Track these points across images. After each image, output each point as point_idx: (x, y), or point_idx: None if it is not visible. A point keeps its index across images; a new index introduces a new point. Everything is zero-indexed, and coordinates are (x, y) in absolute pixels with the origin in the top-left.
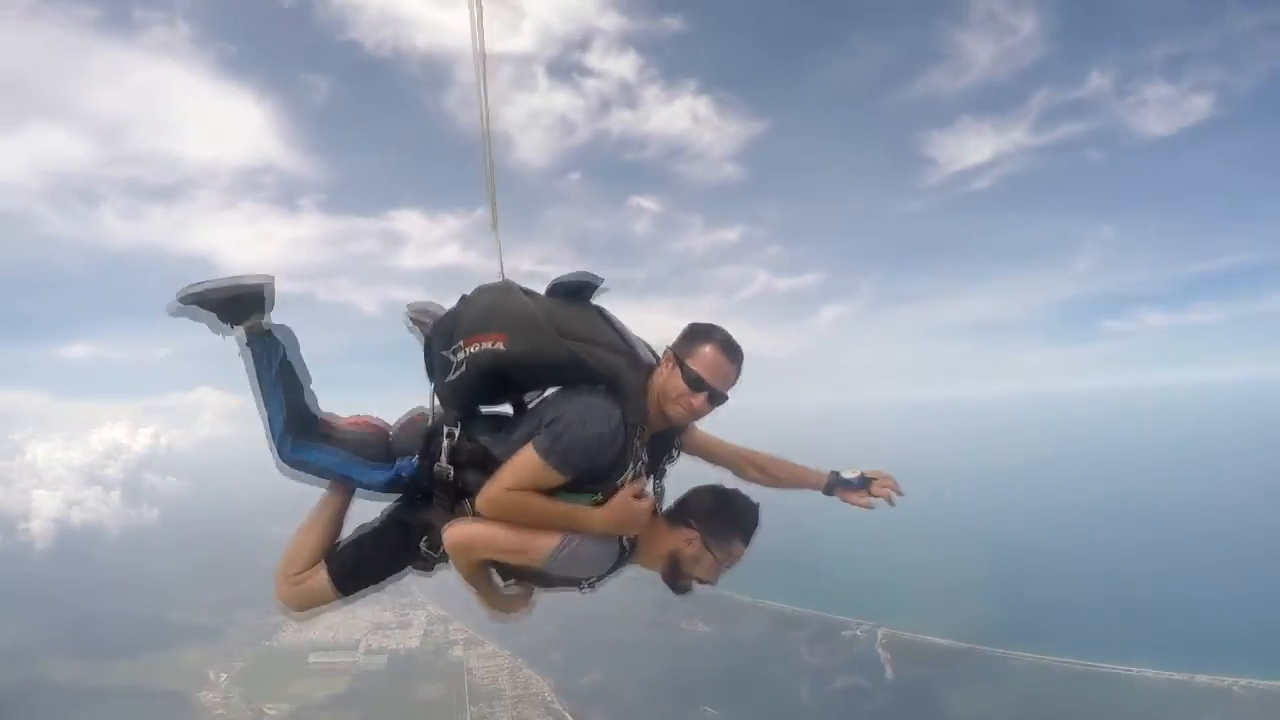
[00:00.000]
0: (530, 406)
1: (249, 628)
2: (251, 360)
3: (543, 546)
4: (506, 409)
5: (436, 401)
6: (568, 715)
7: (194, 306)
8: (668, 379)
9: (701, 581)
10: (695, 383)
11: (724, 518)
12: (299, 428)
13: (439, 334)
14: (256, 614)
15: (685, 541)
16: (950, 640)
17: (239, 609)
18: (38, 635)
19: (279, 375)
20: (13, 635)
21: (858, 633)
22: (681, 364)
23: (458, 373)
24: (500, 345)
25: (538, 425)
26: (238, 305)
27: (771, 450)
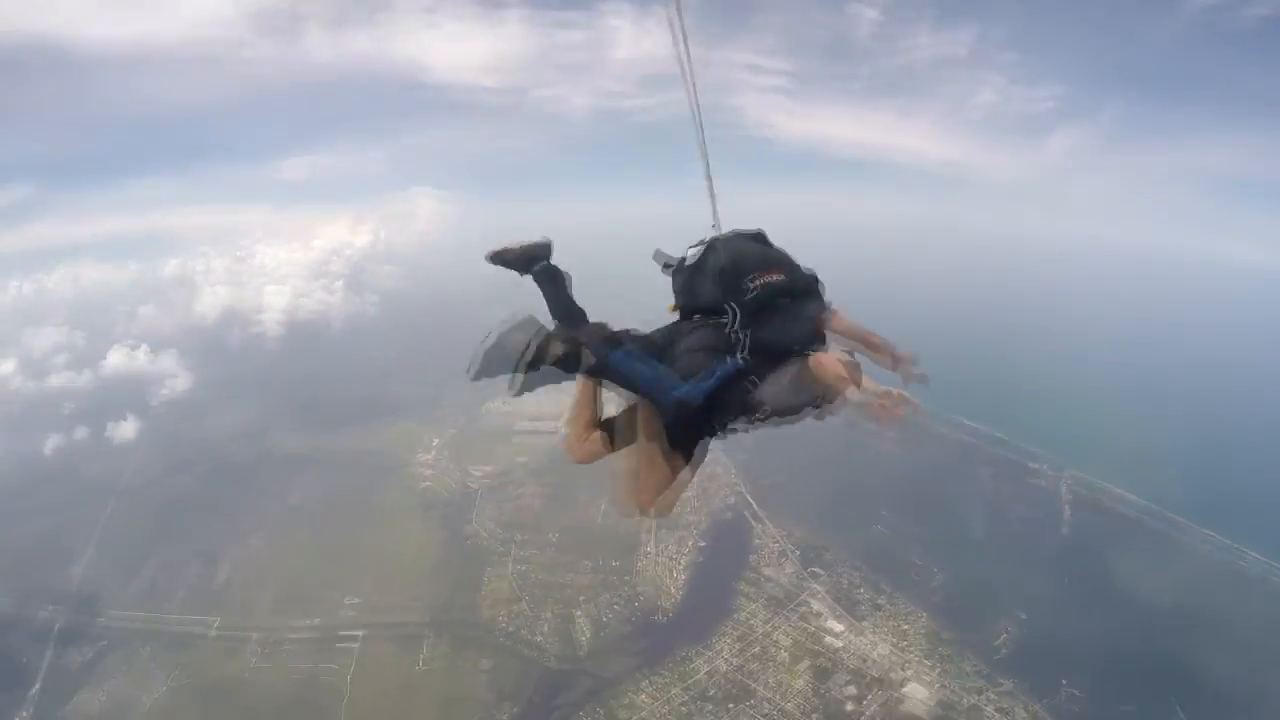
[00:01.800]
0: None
1: (460, 402)
2: (547, 288)
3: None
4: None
5: (735, 317)
6: (749, 499)
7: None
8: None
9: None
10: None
11: None
12: (613, 342)
13: (728, 275)
14: (467, 391)
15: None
16: (1136, 498)
17: (451, 386)
18: (269, 416)
19: (564, 297)
20: (248, 416)
21: (1045, 469)
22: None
23: (752, 296)
24: (781, 278)
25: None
26: (530, 258)
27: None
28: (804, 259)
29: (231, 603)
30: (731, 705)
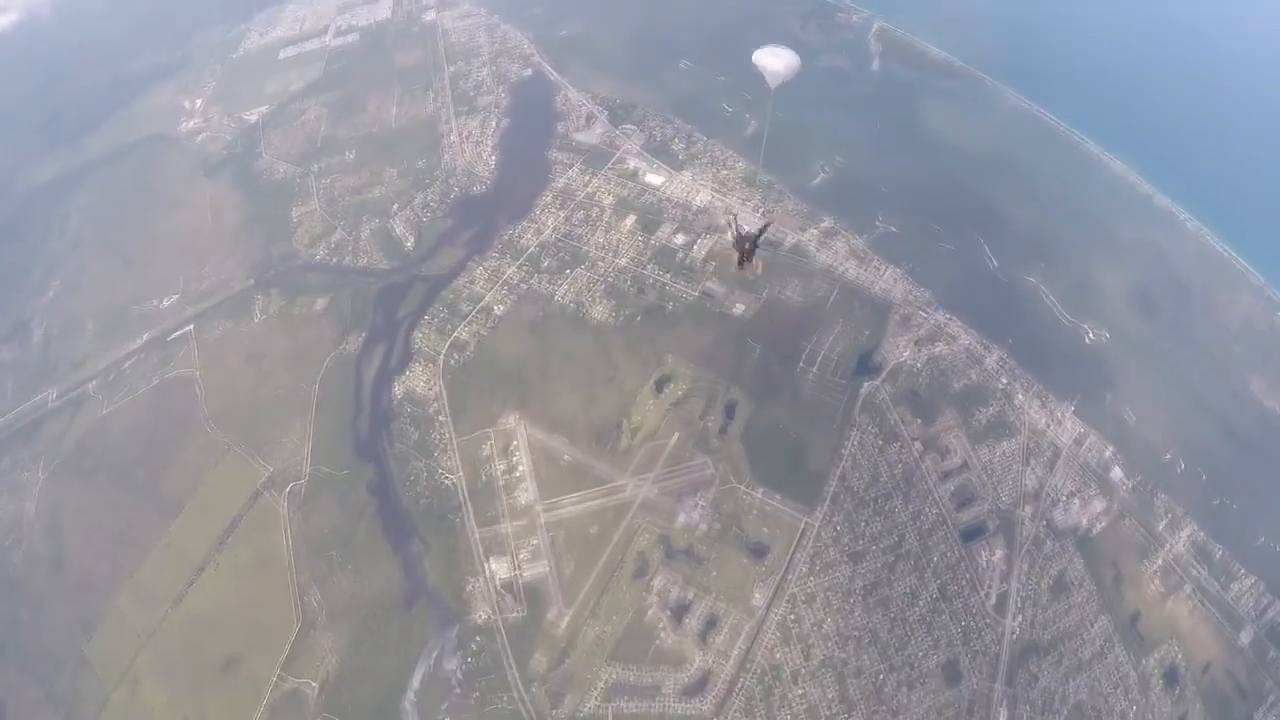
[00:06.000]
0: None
1: (211, 48)
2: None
3: None
4: None
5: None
6: (546, 65)
7: None
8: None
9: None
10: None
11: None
12: None
13: (746, 240)
14: (216, 32)
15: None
16: (945, 53)
17: (196, 34)
18: (13, 151)
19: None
20: None
21: (853, 19)
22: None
23: (756, 238)
24: (759, 233)
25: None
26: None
27: None
28: None
29: (57, 363)
30: (567, 271)
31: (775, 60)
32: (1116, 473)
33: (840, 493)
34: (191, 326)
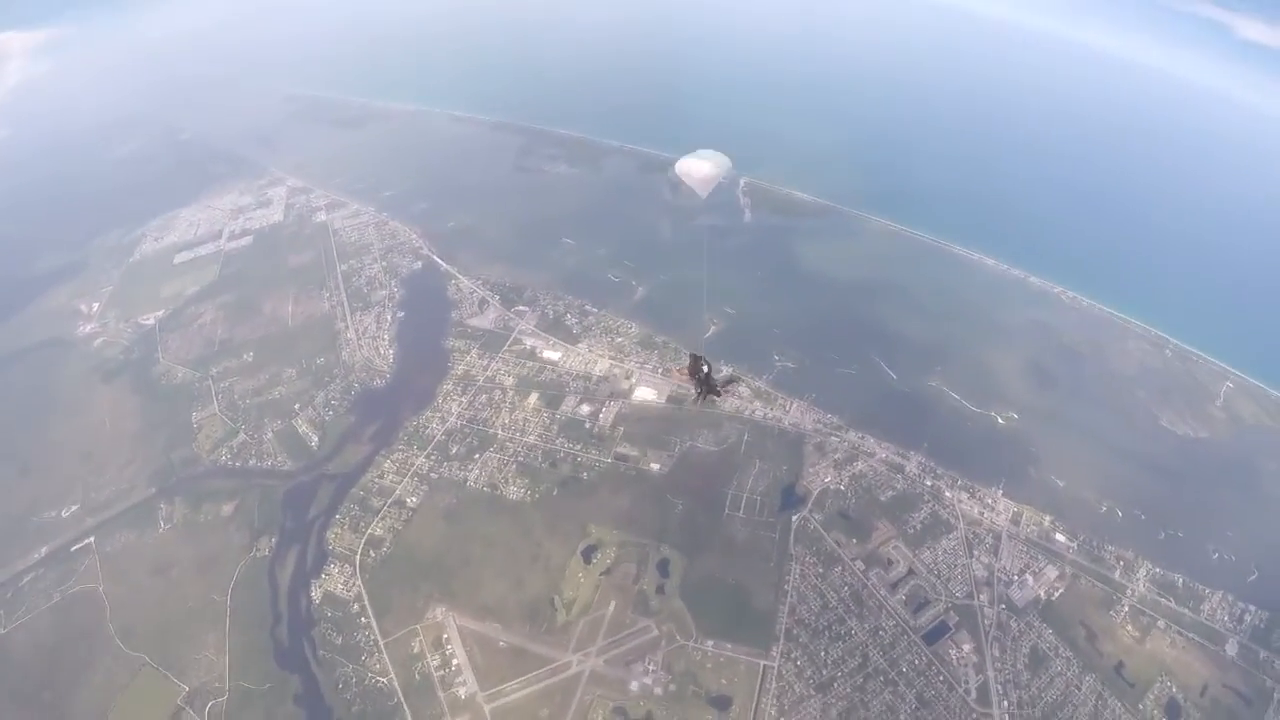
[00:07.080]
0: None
1: (108, 252)
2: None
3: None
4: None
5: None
6: (435, 257)
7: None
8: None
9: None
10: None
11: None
12: None
13: (702, 380)
14: (113, 237)
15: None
16: (809, 196)
17: (94, 238)
18: None
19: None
20: None
21: (720, 180)
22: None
23: (706, 378)
24: (707, 375)
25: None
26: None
27: None
28: None
29: None
30: (477, 455)
31: (701, 166)
32: (1060, 538)
33: (793, 627)
34: (92, 539)
